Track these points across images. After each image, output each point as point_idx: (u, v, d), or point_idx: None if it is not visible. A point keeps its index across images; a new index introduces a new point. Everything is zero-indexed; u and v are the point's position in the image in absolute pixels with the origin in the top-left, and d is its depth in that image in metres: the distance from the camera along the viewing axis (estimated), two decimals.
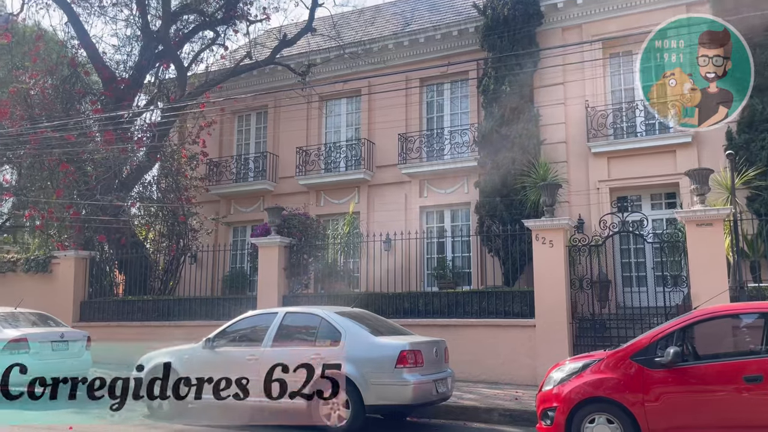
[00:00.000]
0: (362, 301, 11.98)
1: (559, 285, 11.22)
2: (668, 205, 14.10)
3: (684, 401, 6.21)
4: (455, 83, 16.96)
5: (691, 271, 10.26)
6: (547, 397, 6.96)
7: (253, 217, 18.33)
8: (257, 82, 18.86)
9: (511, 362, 11.38)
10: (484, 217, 14.53)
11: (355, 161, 17.30)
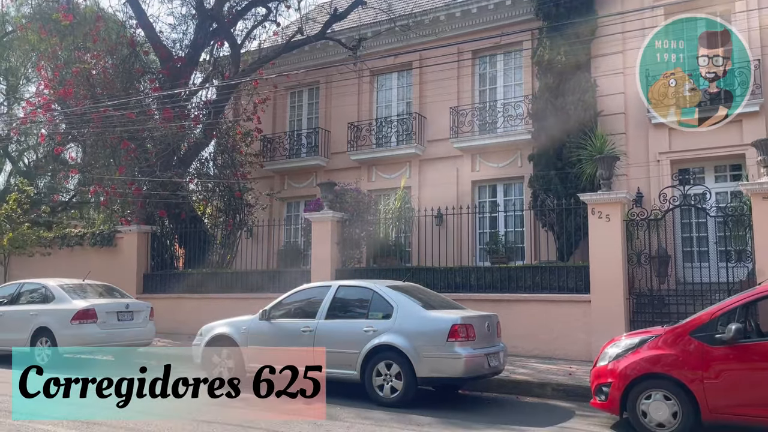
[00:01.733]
0: (414, 276, 12.04)
1: (616, 260, 10.97)
2: (733, 178, 13.51)
3: (746, 379, 6.04)
4: (508, 54, 16.59)
5: (757, 246, 9.85)
6: (601, 373, 6.88)
7: (306, 192, 18.57)
8: (309, 57, 18.94)
9: (565, 337, 11.25)
10: (538, 191, 14.28)
11: (407, 136, 17.24)
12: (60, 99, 17.26)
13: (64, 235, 18.20)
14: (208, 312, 13.02)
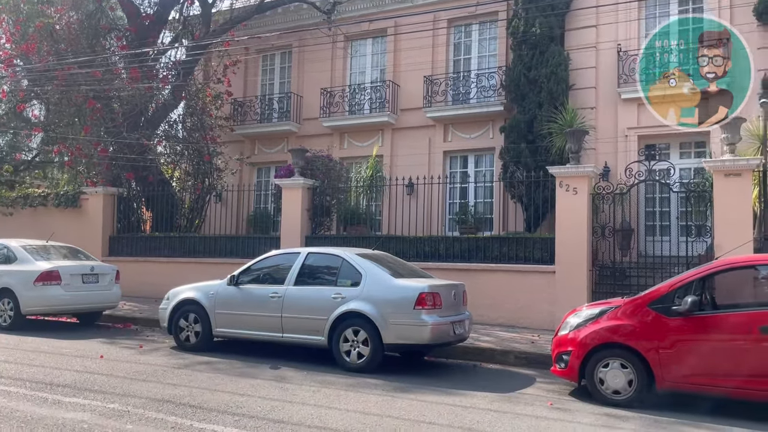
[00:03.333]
0: (383, 244, 12.14)
1: (581, 232, 11.20)
2: (697, 155, 13.82)
3: (699, 349, 6.29)
4: (483, 24, 16.52)
5: (716, 222, 10.16)
6: (562, 342, 7.09)
7: (277, 158, 18.42)
8: (282, 20, 18.58)
9: (529, 307, 11.52)
10: (509, 162, 14.41)
11: (380, 104, 17.14)
12: (22, 54, 16.67)
13: (27, 195, 17.77)
14: (175, 276, 12.96)
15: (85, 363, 7.94)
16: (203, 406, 5.90)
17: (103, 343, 9.62)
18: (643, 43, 14.30)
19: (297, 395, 6.54)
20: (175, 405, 5.92)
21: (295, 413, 5.78)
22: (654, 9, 14.50)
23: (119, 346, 9.40)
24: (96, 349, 8.99)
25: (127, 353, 8.82)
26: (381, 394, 6.77)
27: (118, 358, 8.42)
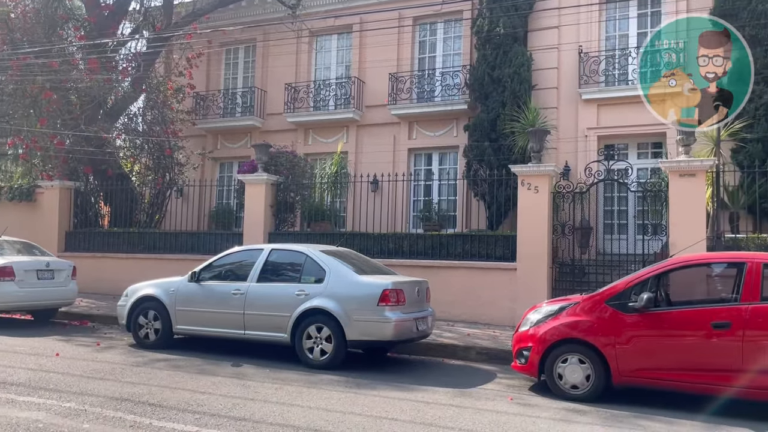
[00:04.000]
0: (348, 241, 12.14)
1: (542, 230, 11.39)
2: (654, 155, 14.19)
3: (653, 344, 6.47)
4: (449, 23, 16.63)
5: (671, 221, 10.45)
6: (522, 338, 7.21)
7: (240, 153, 18.21)
8: (246, 14, 18.36)
9: (491, 304, 11.66)
10: (472, 160, 14.56)
11: (345, 100, 17.10)
12: None
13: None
14: (134, 272, 12.71)
15: (40, 361, 7.73)
16: (163, 404, 5.82)
17: (58, 341, 9.38)
18: (604, 45, 14.62)
19: (259, 392, 6.49)
20: (134, 403, 5.82)
21: (256, 410, 5.74)
22: (614, 12, 14.83)
23: (75, 344, 9.18)
24: (51, 347, 8.76)
25: (84, 351, 8.62)
26: (344, 390, 6.78)
27: (74, 356, 8.22)
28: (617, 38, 14.74)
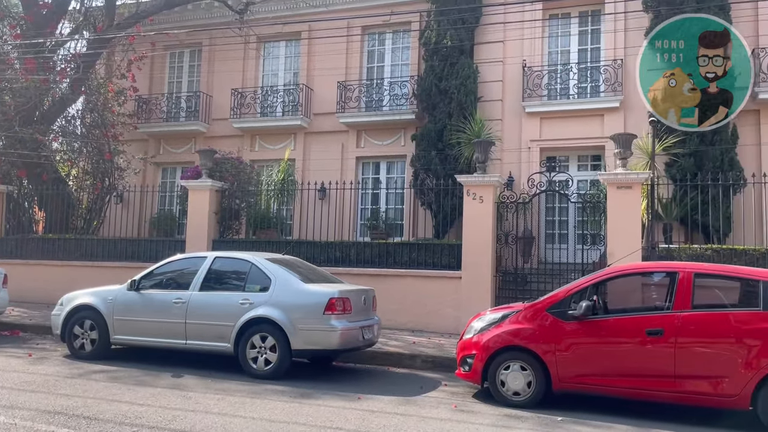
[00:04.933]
0: (294, 249, 12.04)
1: (486, 239, 11.59)
2: (593, 167, 14.68)
3: (591, 351, 6.67)
4: (397, 33, 16.79)
5: (609, 231, 10.82)
6: (466, 345, 7.31)
7: (184, 158, 17.85)
8: (192, 17, 18.05)
9: (437, 312, 11.77)
10: (419, 170, 14.71)
11: (293, 107, 17.01)
12: None
13: None
14: (70, 281, 12.24)
15: None
16: (99, 417, 5.61)
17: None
18: (546, 60, 15.07)
19: (200, 403, 6.35)
20: (68, 416, 5.59)
21: (197, 422, 5.61)
22: (556, 28, 15.31)
23: (6, 355, 8.75)
24: None
25: (15, 362, 8.23)
26: (288, 400, 6.70)
27: (4, 367, 7.83)
28: (559, 54, 15.22)
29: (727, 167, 12.49)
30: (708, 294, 6.85)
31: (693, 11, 12.98)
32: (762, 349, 6.07)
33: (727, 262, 9.77)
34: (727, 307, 6.66)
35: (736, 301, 6.73)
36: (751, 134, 13.22)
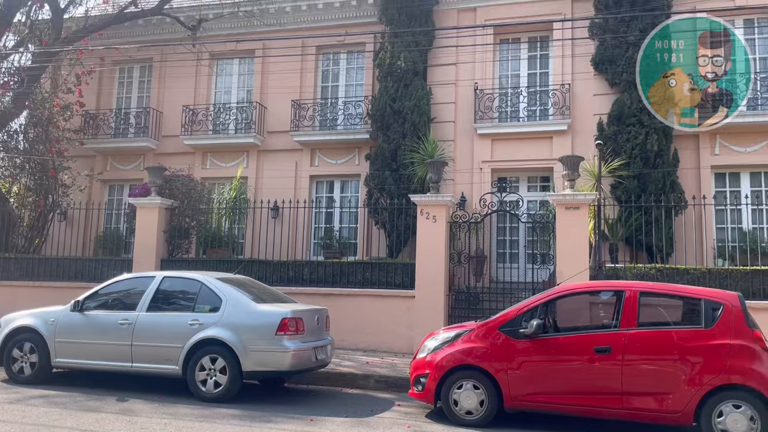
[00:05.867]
0: (246, 268, 11.86)
1: (440, 258, 11.68)
2: (542, 188, 15.02)
3: (542, 369, 6.76)
4: (352, 54, 16.90)
5: (558, 250, 11.06)
6: (420, 365, 7.31)
7: (132, 175, 17.42)
8: (143, 32, 17.75)
9: (390, 331, 11.75)
10: (373, 189, 14.77)
11: (246, 124, 16.85)
12: None
13: None
14: (9, 302, 11.73)
15: None
16: None
17: None
18: (497, 83, 15.42)
19: (146, 428, 6.14)
20: None
21: None
22: (507, 53, 15.71)
23: None
24: None
25: None
26: (237, 424, 6.55)
27: None
28: (509, 77, 15.60)
29: (669, 189, 12.97)
30: (653, 312, 7.06)
31: (636, 39, 13.56)
32: (704, 366, 6.28)
33: (670, 281, 10.11)
34: (671, 324, 6.87)
35: (679, 319, 6.95)
36: (691, 158, 13.79)
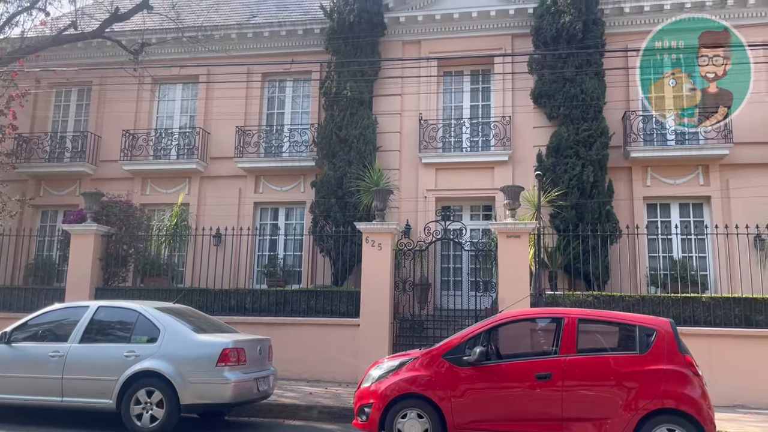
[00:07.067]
0: (186, 297, 11.55)
1: (385, 286, 11.69)
2: (485, 217, 15.33)
3: (485, 396, 6.80)
4: (298, 82, 16.95)
5: (500, 278, 11.26)
6: (364, 394, 7.24)
7: (67, 201, 16.80)
8: (82, 55, 17.31)
9: (334, 360, 11.62)
10: (318, 217, 14.72)
11: (188, 150, 16.57)
12: None
13: None
14: None
15: None
16: None
17: None
18: (441, 114, 15.75)
19: None
20: None
21: None
22: (450, 85, 16.10)
23: None
24: None
25: None
26: None
27: None
28: (453, 109, 15.97)
29: (605, 219, 13.45)
30: (591, 339, 7.23)
31: (572, 75, 14.15)
32: (639, 391, 6.46)
33: (606, 308, 10.42)
34: (608, 351, 7.05)
35: (615, 345, 7.14)
36: (625, 189, 14.38)
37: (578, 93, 14.06)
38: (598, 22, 14.49)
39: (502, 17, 15.34)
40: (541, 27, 14.56)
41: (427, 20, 15.68)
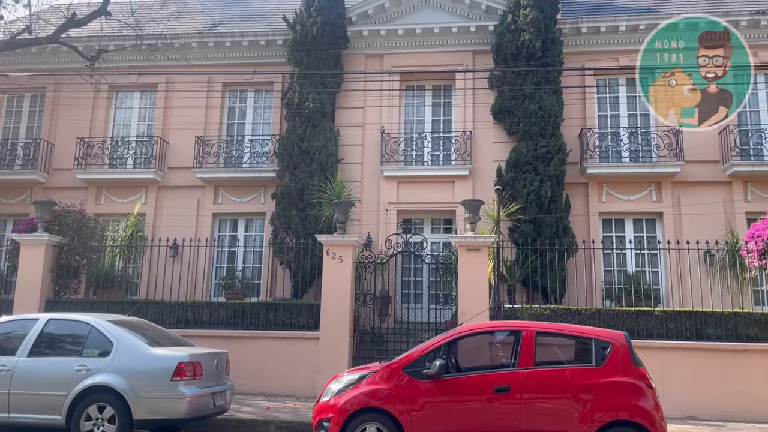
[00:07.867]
0: (141, 310, 11.28)
1: (345, 299, 11.63)
2: (446, 230, 15.45)
3: (444, 409, 6.81)
4: (259, 92, 16.84)
5: (460, 291, 11.33)
6: (323, 408, 7.16)
7: (16, 209, 16.25)
8: (36, 60, 16.85)
9: (293, 374, 11.47)
10: (279, 228, 14.58)
11: (146, 159, 16.24)
12: None
13: None
14: None
15: None
16: None
17: None
18: (403, 128, 15.86)
19: None
20: None
21: None
22: (412, 99, 16.24)
23: None
24: None
25: None
26: None
27: None
28: (415, 123, 16.09)
29: (562, 234, 13.71)
30: (549, 351, 7.32)
31: (531, 92, 14.44)
32: (595, 403, 6.56)
33: (563, 321, 10.59)
34: (565, 363, 7.15)
35: (572, 358, 7.24)
36: (581, 205, 14.70)
37: (537, 110, 14.35)
38: (557, 41, 14.86)
39: (464, 34, 15.59)
40: (501, 44, 14.85)
41: (389, 35, 15.81)
